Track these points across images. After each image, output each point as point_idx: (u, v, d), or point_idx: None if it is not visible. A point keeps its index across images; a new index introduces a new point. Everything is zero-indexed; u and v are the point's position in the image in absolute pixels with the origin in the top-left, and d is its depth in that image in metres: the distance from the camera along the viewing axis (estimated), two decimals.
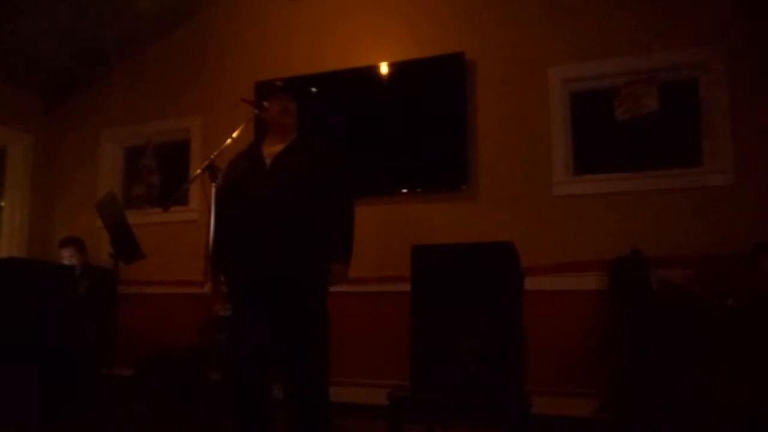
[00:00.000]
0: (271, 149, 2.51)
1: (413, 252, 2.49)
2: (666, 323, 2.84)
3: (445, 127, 3.70)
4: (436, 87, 3.76)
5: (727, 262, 3.00)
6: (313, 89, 3.62)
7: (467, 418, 2.81)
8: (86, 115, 4.83)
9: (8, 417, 3.11)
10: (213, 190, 2.47)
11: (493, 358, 2.24)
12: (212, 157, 2.47)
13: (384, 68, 3.90)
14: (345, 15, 4.12)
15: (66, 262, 4.06)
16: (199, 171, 2.46)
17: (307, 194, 2.39)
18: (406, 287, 2.48)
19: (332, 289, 2.46)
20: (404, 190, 3.79)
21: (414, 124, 3.79)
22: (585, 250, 3.35)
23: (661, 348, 2.79)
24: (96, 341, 3.62)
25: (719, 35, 3.28)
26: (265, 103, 2.57)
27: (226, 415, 2.77)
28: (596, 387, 3.05)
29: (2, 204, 4.76)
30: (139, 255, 3.31)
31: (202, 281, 2.60)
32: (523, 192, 3.55)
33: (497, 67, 3.71)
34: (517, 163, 3.59)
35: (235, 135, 2.53)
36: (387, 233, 3.64)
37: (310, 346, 2.35)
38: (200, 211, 4.16)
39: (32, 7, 3.89)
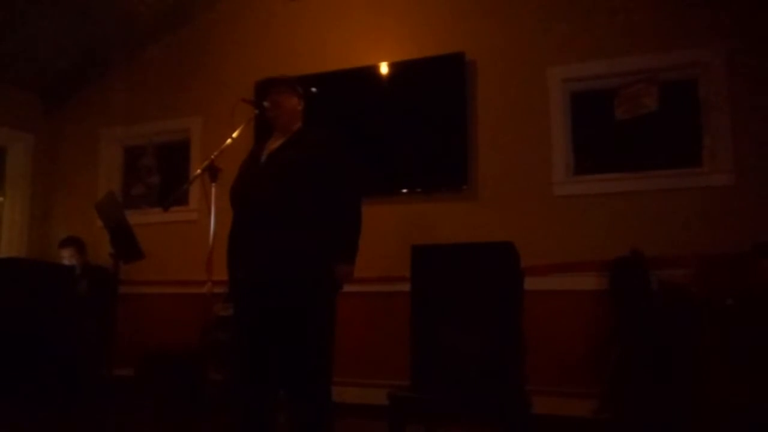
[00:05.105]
0: (272, 145, 2.47)
1: (413, 252, 2.48)
2: (666, 323, 2.85)
3: (445, 127, 3.70)
4: (436, 87, 3.76)
5: (727, 262, 3.00)
6: (313, 89, 3.62)
7: (467, 418, 2.81)
8: (86, 115, 4.83)
9: (9, 417, 3.11)
10: (213, 190, 2.47)
11: (493, 358, 2.24)
12: (212, 157, 2.46)
13: (384, 68, 3.90)
14: (345, 15, 4.12)
15: (66, 262, 4.06)
16: (199, 171, 2.46)
17: (302, 190, 2.30)
18: (406, 287, 2.48)
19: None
20: (404, 190, 3.79)
21: (414, 124, 3.79)
22: (585, 250, 3.35)
23: (661, 348, 2.79)
24: (96, 341, 3.62)
25: (719, 35, 3.28)
26: (266, 104, 2.55)
27: (226, 415, 2.77)
28: (596, 387, 3.05)
29: (2, 203, 4.76)
30: (139, 255, 3.32)
31: (203, 281, 2.60)
32: (523, 192, 3.55)
33: (497, 67, 3.71)
34: (517, 162, 3.59)
35: (235, 135, 2.52)
36: (387, 233, 3.64)
37: (310, 348, 2.29)
38: (200, 211, 4.16)
39: (33, 8, 3.89)
